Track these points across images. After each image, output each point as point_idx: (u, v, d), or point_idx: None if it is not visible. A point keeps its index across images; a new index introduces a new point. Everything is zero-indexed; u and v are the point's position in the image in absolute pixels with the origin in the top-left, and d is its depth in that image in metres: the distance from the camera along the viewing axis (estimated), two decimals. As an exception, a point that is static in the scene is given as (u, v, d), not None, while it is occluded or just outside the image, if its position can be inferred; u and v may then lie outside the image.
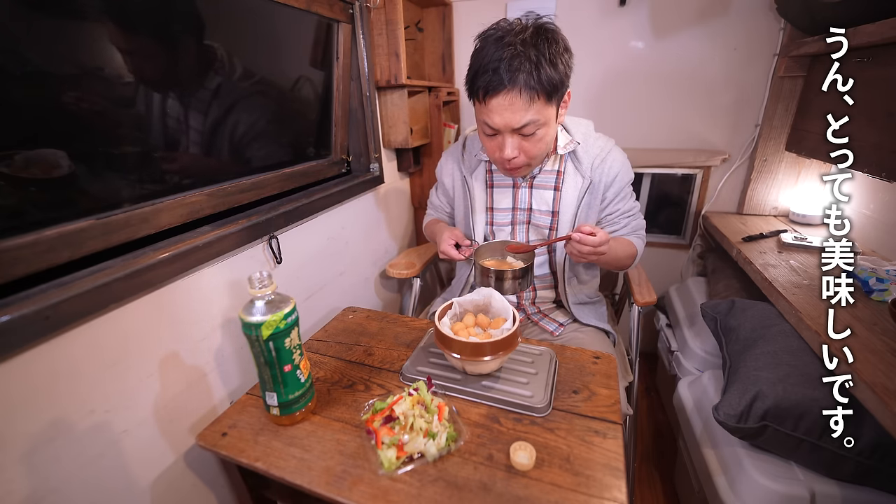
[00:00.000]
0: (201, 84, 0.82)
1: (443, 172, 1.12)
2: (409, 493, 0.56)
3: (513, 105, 0.76)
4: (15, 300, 0.53)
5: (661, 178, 1.69)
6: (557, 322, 1.04)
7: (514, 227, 1.03)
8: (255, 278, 0.61)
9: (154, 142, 0.75)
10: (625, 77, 1.54)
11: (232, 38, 0.88)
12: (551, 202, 0.97)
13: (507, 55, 0.74)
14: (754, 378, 0.86)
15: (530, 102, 0.76)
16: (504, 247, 0.96)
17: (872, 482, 0.78)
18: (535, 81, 0.74)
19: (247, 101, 0.93)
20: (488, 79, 0.76)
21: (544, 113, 0.79)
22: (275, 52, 0.99)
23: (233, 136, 0.90)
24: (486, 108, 0.79)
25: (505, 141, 0.81)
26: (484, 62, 0.76)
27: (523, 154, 0.84)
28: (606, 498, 0.55)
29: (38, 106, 0.58)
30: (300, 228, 1.07)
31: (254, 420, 0.71)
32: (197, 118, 0.81)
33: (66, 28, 0.60)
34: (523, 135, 0.80)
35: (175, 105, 0.77)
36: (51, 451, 0.58)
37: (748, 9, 1.33)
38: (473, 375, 0.76)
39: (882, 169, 0.90)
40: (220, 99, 0.85)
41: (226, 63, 0.86)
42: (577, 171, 0.95)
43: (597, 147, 0.95)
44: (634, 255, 1.00)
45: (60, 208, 0.61)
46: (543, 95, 0.76)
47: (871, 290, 0.92)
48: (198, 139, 0.83)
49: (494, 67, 0.75)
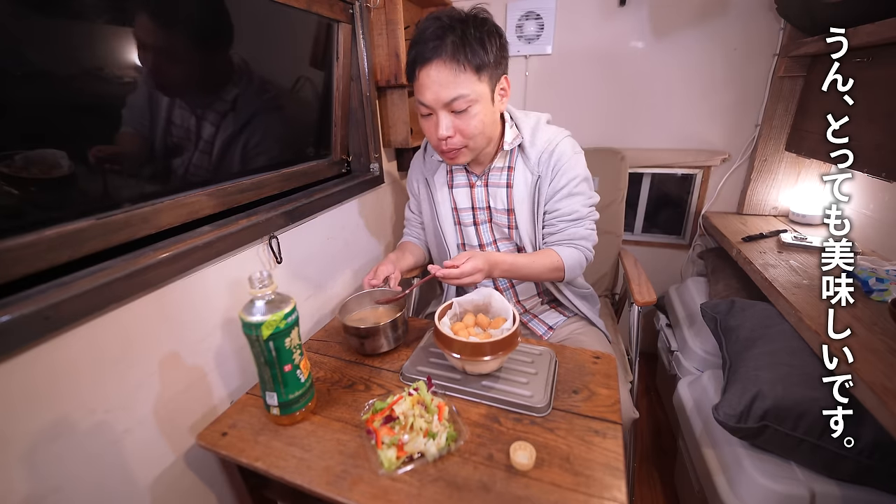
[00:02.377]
0: (201, 84, 0.82)
1: (410, 180, 1.12)
2: (409, 493, 0.56)
3: (440, 75, 0.78)
4: (15, 300, 0.53)
5: (661, 178, 1.69)
6: (547, 325, 1.04)
7: (478, 227, 1.02)
8: (255, 278, 0.61)
9: (154, 142, 0.75)
10: (625, 77, 1.54)
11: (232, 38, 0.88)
12: (506, 200, 0.96)
13: (436, 27, 0.78)
14: (754, 378, 0.86)
15: (456, 74, 0.78)
16: (372, 299, 0.94)
17: (872, 482, 0.78)
18: (462, 54, 0.77)
19: (247, 102, 0.93)
20: (417, 50, 0.79)
21: (475, 88, 0.80)
22: (275, 52, 0.99)
23: (233, 137, 0.90)
24: (418, 83, 0.81)
25: (439, 119, 0.82)
26: (415, 38, 0.80)
27: (459, 134, 0.83)
28: (606, 498, 0.55)
29: (38, 106, 0.58)
30: (300, 228, 1.06)
31: (254, 420, 0.71)
32: (197, 118, 0.81)
33: (66, 28, 0.60)
34: (455, 111, 0.81)
35: (175, 105, 0.77)
36: (51, 451, 0.58)
37: (748, 9, 1.33)
38: (473, 375, 0.76)
39: (882, 169, 0.90)
40: (221, 99, 0.85)
41: (226, 63, 0.86)
42: (525, 167, 0.93)
43: (543, 140, 0.92)
44: (560, 269, 0.92)
45: (60, 208, 0.61)
46: (470, 68, 0.78)
47: (871, 290, 0.92)
48: (198, 139, 0.83)
49: (423, 39, 0.78)
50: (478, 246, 1.03)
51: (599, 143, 1.57)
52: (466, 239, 1.04)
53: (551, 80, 1.64)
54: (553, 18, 1.54)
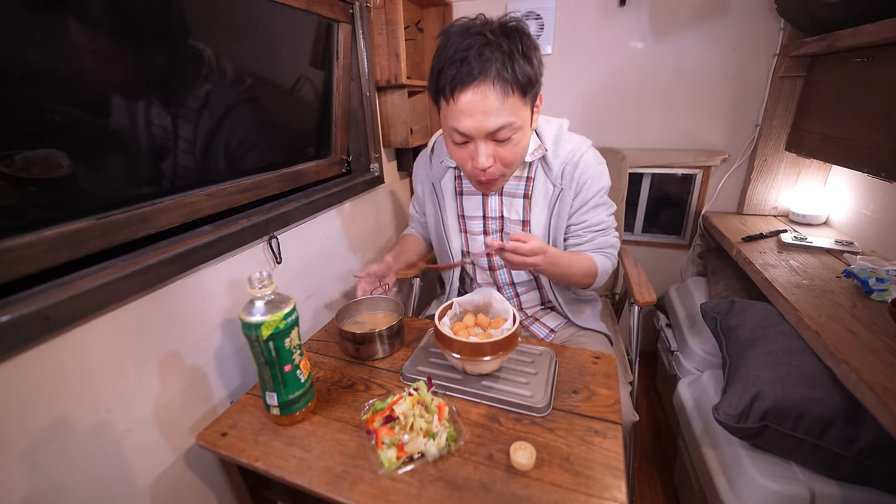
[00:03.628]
0: (202, 84, 0.82)
1: (415, 180, 1.08)
2: (409, 493, 0.56)
3: (485, 101, 0.68)
4: (15, 300, 0.53)
5: (661, 178, 1.69)
6: (548, 328, 1.02)
7: (488, 237, 0.96)
8: (255, 278, 0.61)
9: (154, 142, 0.75)
10: (625, 77, 1.54)
11: (232, 38, 0.88)
12: (522, 211, 0.91)
13: (477, 43, 0.66)
14: (754, 378, 0.86)
15: (504, 98, 0.68)
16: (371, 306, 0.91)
17: (872, 482, 0.78)
18: (510, 73, 0.66)
19: (247, 102, 0.93)
20: (455, 71, 0.67)
21: (520, 114, 0.72)
22: (275, 52, 0.99)
23: (233, 137, 0.90)
24: (456, 107, 0.70)
25: (478, 148, 0.73)
26: (449, 54, 0.68)
27: (499, 162, 0.76)
28: (606, 498, 0.55)
29: (38, 106, 0.58)
30: (300, 228, 1.07)
31: (254, 420, 0.71)
32: (197, 118, 0.81)
33: (66, 27, 0.60)
34: (498, 140, 0.72)
35: (175, 105, 0.77)
36: (52, 451, 0.58)
37: (748, 9, 1.33)
38: (473, 375, 0.76)
39: (882, 169, 0.90)
40: (221, 99, 0.85)
41: (226, 63, 0.86)
42: (546, 178, 0.88)
43: (567, 151, 0.87)
44: (593, 274, 0.89)
45: (60, 208, 0.61)
46: (518, 90, 0.69)
47: (871, 290, 0.92)
48: (198, 139, 0.83)
49: (462, 57, 0.66)
50: (485, 256, 1.00)
51: (599, 143, 1.56)
52: (472, 248, 1.00)
53: (551, 80, 1.63)
54: (553, 18, 1.54)
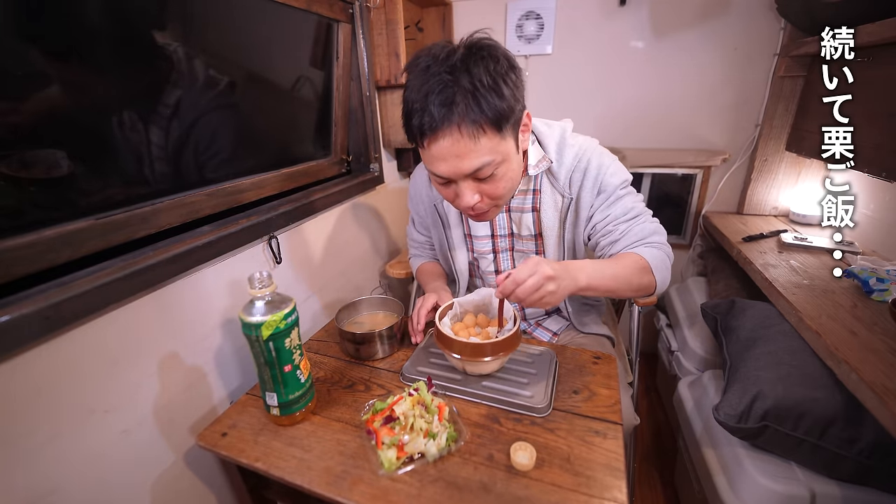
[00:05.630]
0: (201, 84, 0.82)
1: (414, 202, 1.01)
2: (409, 494, 0.56)
3: (456, 146, 0.63)
4: (15, 300, 0.53)
5: (661, 178, 1.69)
6: (551, 331, 1.01)
7: (497, 256, 0.93)
8: (255, 278, 0.61)
9: (154, 142, 0.74)
10: (625, 77, 1.54)
11: (232, 38, 0.88)
12: (532, 225, 0.87)
13: (436, 88, 0.61)
14: (754, 378, 0.86)
15: (475, 139, 0.63)
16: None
17: (872, 482, 0.78)
18: (477, 113, 0.62)
19: (247, 101, 0.93)
20: (419, 120, 0.64)
21: (499, 149, 0.66)
22: (275, 52, 0.99)
23: (232, 137, 0.90)
24: (429, 153, 0.66)
25: (460, 188, 0.69)
26: (413, 99, 0.64)
27: (486, 197, 0.72)
28: (607, 498, 0.55)
29: (39, 106, 0.58)
30: (300, 228, 1.06)
31: (254, 420, 0.71)
32: (197, 118, 0.81)
33: (67, 28, 0.60)
34: (479, 179, 0.68)
35: (175, 105, 0.76)
36: (51, 451, 0.58)
37: (748, 9, 1.34)
38: (474, 376, 0.76)
39: (882, 169, 0.90)
40: (221, 99, 0.85)
41: (225, 64, 0.86)
42: (553, 189, 0.83)
43: (571, 157, 0.81)
44: (647, 269, 0.76)
45: (60, 208, 0.61)
46: (491, 127, 0.63)
47: (872, 290, 0.92)
48: (198, 139, 0.83)
49: (422, 107, 0.63)
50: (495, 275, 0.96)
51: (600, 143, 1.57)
52: (482, 267, 0.96)
53: (551, 80, 1.64)
54: (553, 18, 1.54)
